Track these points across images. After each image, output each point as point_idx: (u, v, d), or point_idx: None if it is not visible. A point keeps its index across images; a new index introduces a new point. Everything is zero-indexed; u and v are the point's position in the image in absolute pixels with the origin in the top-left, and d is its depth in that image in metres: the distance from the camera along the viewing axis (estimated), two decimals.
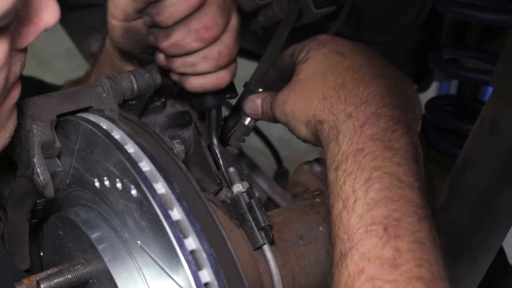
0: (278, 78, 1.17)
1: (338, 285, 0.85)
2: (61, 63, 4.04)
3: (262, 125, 1.76)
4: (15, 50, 0.82)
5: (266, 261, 0.99)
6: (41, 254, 1.09)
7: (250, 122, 1.17)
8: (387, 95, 0.95)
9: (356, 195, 0.87)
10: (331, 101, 0.96)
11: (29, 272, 1.09)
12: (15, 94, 0.87)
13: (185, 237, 0.79)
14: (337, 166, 0.91)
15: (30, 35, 0.81)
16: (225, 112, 1.22)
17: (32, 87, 0.95)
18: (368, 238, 0.84)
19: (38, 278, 0.89)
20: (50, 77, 1.99)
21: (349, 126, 0.92)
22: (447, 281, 0.84)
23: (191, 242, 0.79)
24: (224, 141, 1.20)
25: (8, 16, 0.74)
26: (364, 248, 0.84)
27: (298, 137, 1.04)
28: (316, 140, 1.00)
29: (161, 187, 0.82)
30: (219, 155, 1.12)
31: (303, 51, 1.06)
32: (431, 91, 1.96)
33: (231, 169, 1.05)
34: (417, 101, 1.02)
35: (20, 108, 0.90)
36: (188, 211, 0.80)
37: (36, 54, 3.71)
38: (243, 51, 1.87)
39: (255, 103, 1.13)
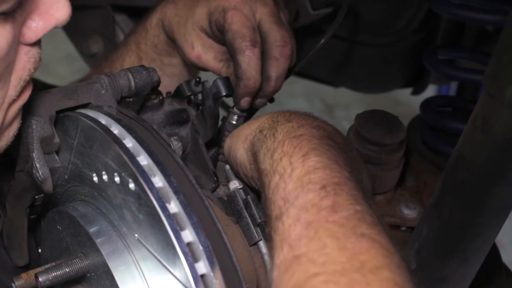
0: None
1: (275, 244, 0.79)
2: (61, 67, 4.04)
3: None
4: (26, 45, 0.83)
5: (262, 256, 0.99)
6: (39, 250, 1.10)
7: (237, 120, 1.18)
8: (330, 132, 0.94)
9: (293, 167, 0.84)
10: (277, 117, 0.96)
11: (27, 268, 1.10)
12: (26, 95, 0.88)
13: (182, 229, 0.80)
14: (272, 152, 0.89)
15: (39, 30, 0.82)
16: (223, 112, 1.23)
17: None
18: (304, 195, 0.80)
19: (36, 272, 0.90)
20: (50, 82, 1.99)
21: (287, 126, 0.92)
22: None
23: (188, 235, 0.80)
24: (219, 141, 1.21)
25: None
26: (300, 203, 0.79)
27: (236, 166, 1.01)
28: (250, 158, 0.97)
29: (158, 180, 0.83)
30: None
31: None
32: (430, 94, 1.97)
33: (227, 166, 1.06)
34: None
35: None
36: (185, 204, 0.81)
37: None
38: None
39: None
